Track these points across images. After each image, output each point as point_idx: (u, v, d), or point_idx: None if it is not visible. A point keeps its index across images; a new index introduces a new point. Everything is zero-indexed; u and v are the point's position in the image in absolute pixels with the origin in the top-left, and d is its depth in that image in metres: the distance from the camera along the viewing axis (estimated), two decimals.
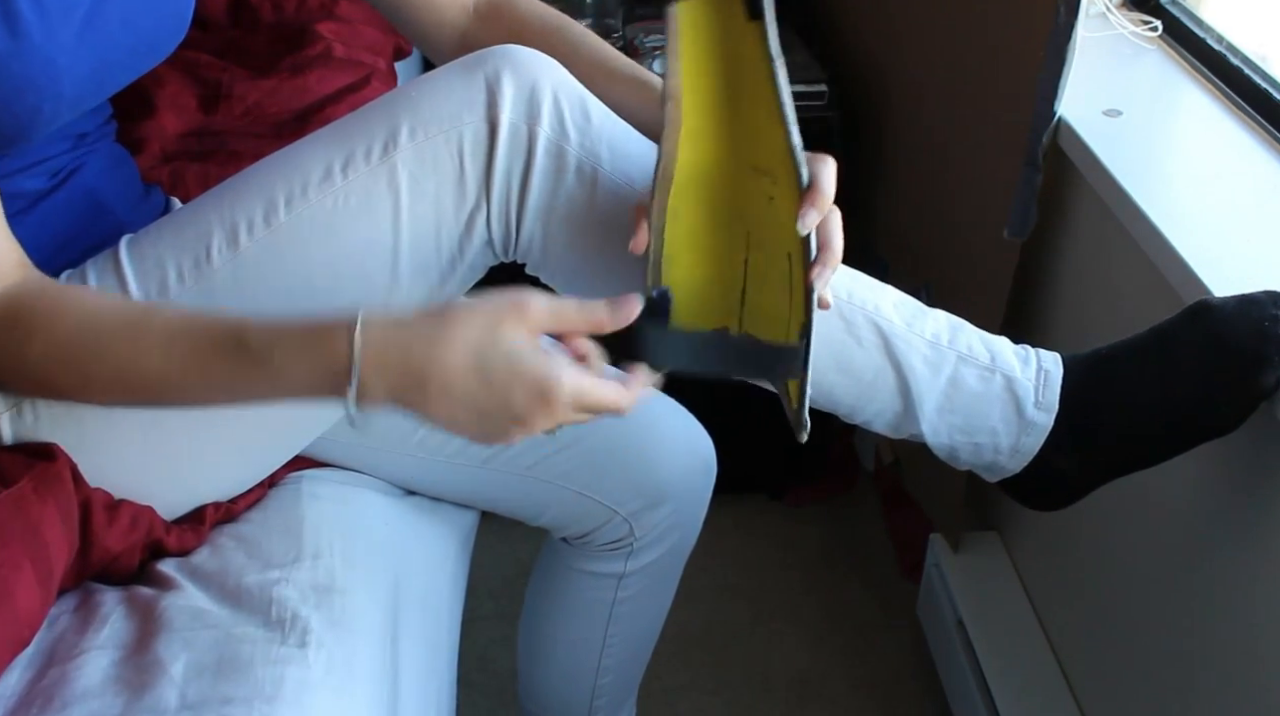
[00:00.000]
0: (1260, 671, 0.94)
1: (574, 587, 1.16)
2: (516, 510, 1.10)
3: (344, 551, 0.91)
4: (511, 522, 1.73)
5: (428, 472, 1.05)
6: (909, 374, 0.92)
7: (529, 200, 0.85)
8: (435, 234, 0.85)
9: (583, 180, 0.85)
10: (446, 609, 1.08)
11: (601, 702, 1.23)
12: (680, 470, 1.09)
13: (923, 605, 1.53)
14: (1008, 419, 0.93)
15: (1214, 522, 1.01)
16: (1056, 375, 0.93)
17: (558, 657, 1.22)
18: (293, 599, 0.84)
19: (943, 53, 1.43)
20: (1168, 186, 1.07)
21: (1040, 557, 1.37)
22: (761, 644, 1.62)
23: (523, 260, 0.89)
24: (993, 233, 1.24)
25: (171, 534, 0.89)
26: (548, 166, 0.84)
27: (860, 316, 0.91)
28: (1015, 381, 0.93)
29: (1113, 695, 1.20)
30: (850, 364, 0.91)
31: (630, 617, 1.17)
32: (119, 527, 0.85)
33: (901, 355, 0.91)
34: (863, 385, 0.92)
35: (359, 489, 1.01)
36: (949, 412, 0.93)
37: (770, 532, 1.79)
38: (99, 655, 0.78)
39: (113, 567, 0.87)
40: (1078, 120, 1.15)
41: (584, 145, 0.85)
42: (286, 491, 0.97)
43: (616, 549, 1.11)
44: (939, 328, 0.93)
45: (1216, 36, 1.22)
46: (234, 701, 0.75)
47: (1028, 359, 0.94)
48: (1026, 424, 0.93)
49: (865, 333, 0.91)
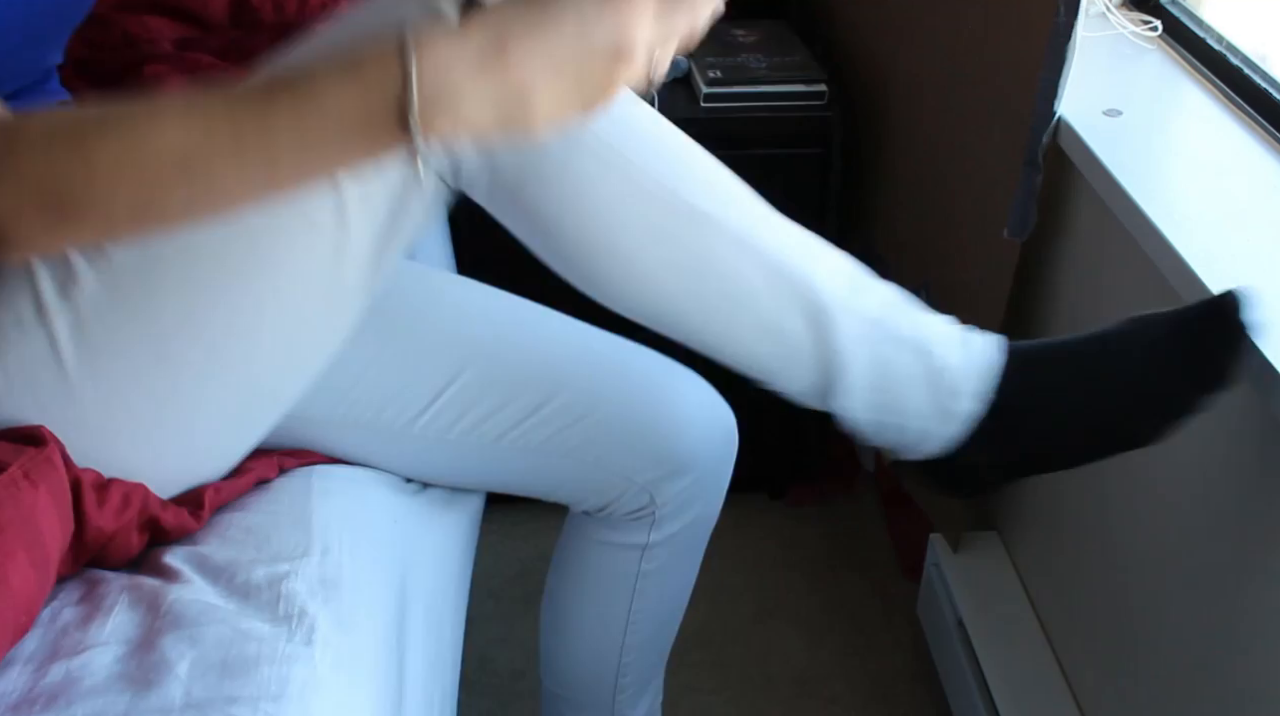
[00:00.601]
0: (1260, 671, 0.94)
1: (597, 560, 1.14)
2: (532, 487, 1.08)
3: (353, 546, 0.91)
4: (513, 522, 1.74)
5: (439, 458, 1.04)
6: (836, 348, 0.88)
7: None
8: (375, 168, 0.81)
9: None
10: (451, 606, 1.08)
11: (627, 681, 1.21)
12: (700, 439, 1.07)
13: (923, 605, 1.53)
14: (934, 405, 0.90)
15: (1215, 522, 1.01)
16: (995, 365, 0.91)
17: (582, 633, 1.20)
18: (300, 593, 0.83)
19: (943, 53, 1.43)
20: (1168, 186, 1.08)
21: (1040, 557, 1.37)
22: (761, 644, 1.62)
23: (470, 191, 0.86)
24: (993, 233, 1.24)
25: (168, 511, 0.88)
26: None
27: (791, 282, 0.88)
28: (949, 369, 0.89)
29: (1113, 695, 1.20)
30: (776, 328, 0.88)
31: (655, 592, 1.15)
32: (110, 507, 0.84)
33: (831, 328, 0.88)
34: (786, 351, 0.89)
35: (369, 485, 1.01)
36: (872, 391, 0.90)
37: (770, 532, 1.80)
38: (103, 651, 0.78)
39: (111, 550, 0.86)
40: (1078, 120, 1.15)
41: None
42: (296, 484, 0.96)
43: (639, 518, 1.09)
44: (877, 303, 0.90)
45: (1216, 36, 1.23)
46: (239, 700, 0.74)
47: (968, 345, 0.91)
48: (951, 414, 0.90)
49: (794, 301, 0.88)
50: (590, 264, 0.89)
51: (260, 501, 0.94)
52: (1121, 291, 1.14)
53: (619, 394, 1.02)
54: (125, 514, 0.85)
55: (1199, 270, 0.94)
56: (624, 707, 1.23)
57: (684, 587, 1.21)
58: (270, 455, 0.98)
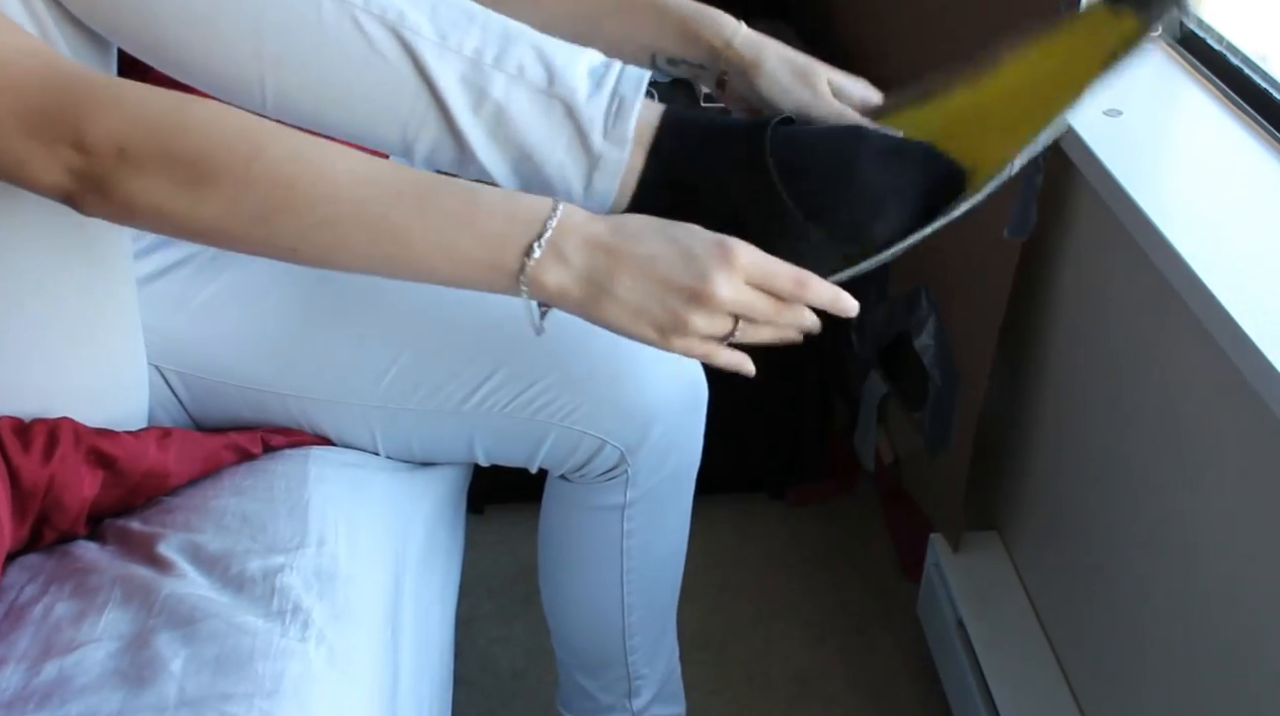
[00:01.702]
0: (1260, 671, 0.94)
1: (580, 528, 1.15)
2: (511, 453, 1.07)
3: (349, 536, 0.91)
4: (513, 522, 1.75)
5: (414, 429, 1.03)
6: (445, 96, 0.81)
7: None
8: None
9: None
10: (439, 592, 1.08)
11: (635, 641, 1.21)
12: (665, 390, 1.05)
13: (923, 605, 1.53)
14: (573, 151, 0.84)
15: (1215, 522, 1.01)
16: (633, 103, 0.84)
17: (580, 601, 1.20)
18: (295, 587, 0.83)
19: (943, 53, 1.43)
20: (1168, 186, 1.07)
21: (1040, 557, 1.37)
22: (761, 644, 1.62)
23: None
24: (993, 233, 1.24)
25: (104, 438, 0.86)
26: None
27: (382, 27, 0.80)
28: (577, 108, 0.83)
29: (1113, 695, 1.20)
30: (383, 92, 0.81)
31: (642, 551, 1.15)
32: (36, 447, 0.82)
33: (434, 74, 0.81)
34: (402, 119, 0.82)
35: (366, 469, 1.01)
36: (502, 143, 0.83)
37: (770, 532, 1.79)
38: (96, 647, 0.77)
39: (63, 495, 0.84)
40: (1078, 120, 1.15)
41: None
42: (293, 469, 0.96)
43: (612, 478, 1.08)
44: (483, 41, 0.82)
45: (1216, 36, 1.22)
46: (233, 697, 0.74)
47: (602, 82, 0.84)
48: (594, 158, 0.84)
49: (389, 48, 0.80)
50: (143, 30, 0.81)
51: (256, 486, 0.93)
52: (1121, 291, 1.13)
53: (574, 352, 1.01)
54: (57, 450, 0.83)
55: (1199, 270, 0.93)
56: (640, 666, 1.23)
57: (676, 546, 1.20)
58: (254, 429, 0.99)
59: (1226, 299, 0.90)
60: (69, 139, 0.73)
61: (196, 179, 0.74)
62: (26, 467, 0.82)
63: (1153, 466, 1.09)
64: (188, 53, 0.81)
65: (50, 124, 0.73)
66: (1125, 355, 1.13)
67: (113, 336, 0.92)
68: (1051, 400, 1.30)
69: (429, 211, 0.75)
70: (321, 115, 0.82)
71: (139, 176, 0.74)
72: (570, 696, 1.28)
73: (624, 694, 1.24)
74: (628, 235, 0.76)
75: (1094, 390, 1.20)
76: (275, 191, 0.74)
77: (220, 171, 0.74)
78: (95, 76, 0.76)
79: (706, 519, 1.21)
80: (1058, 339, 1.27)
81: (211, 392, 1.00)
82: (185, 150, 0.73)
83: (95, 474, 0.87)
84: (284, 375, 1.00)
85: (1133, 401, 1.12)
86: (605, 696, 1.25)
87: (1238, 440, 0.96)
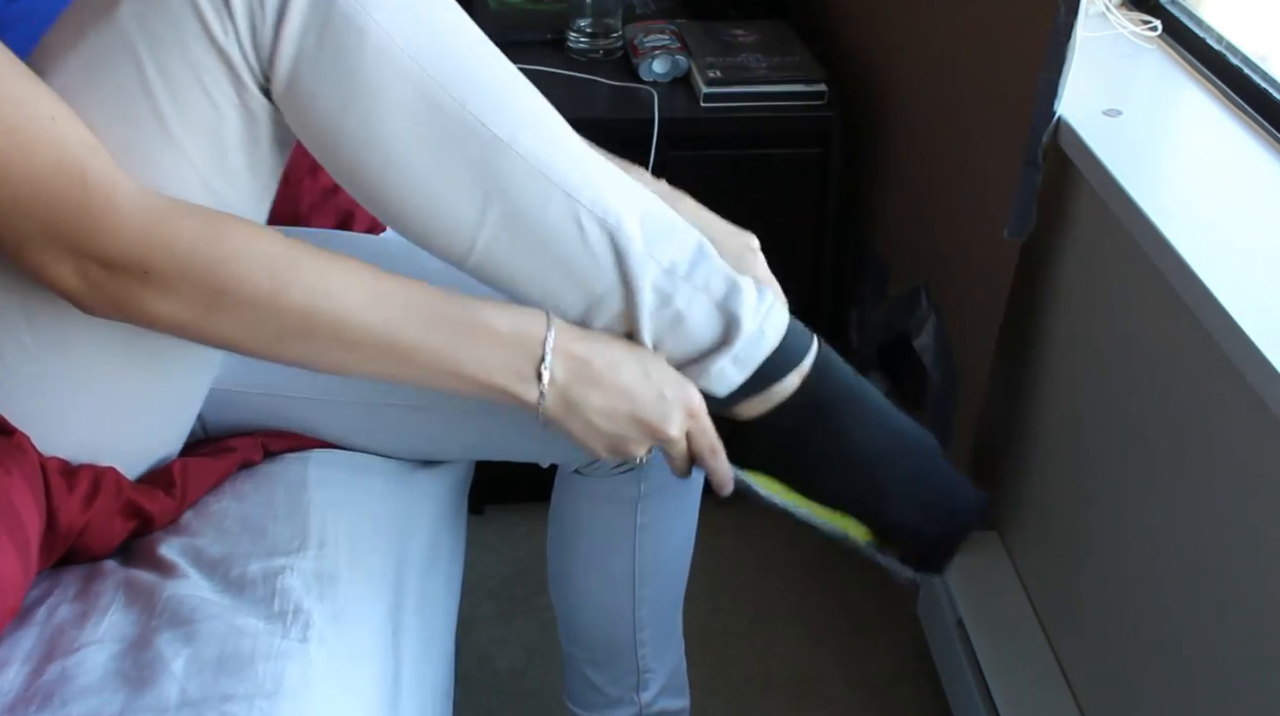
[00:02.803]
0: (1260, 671, 0.94)
1: (593, 520, 1.15)
2: (523, 450, 1.07)
3: (350, 538, 0.91)
4: (513, 522, 1.74)
5: (417, 423, 1.03)
6: (637, 296, 0.88)
7: (284, 37, 0.78)
8: (196, 83, 0.79)
9: (352, 29, 0.78)
10: (443, 593, 1.08)
11: (645, 635, 1.21)
12: None
13: (923, 605, 1.53)
14: (722, 356, 0.91)
15: (1214, 522, 1.01)
16: (770, 343, 0.91)
17: (592, 595, 1.20)
18: (296, 589, 0.83)
19: (943, 53, 1.43)
20: (1168, 186, 1.07)
21: (1040, 557, 1.37)
22: (761, 644, 1.62)
23: (282, 107, 0.82)
24: (993, 233, 1.24)
25: (143, 494, 0.87)
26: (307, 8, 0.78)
27: (600, 229, 0.86)
28: (738, 333, 0.90)
29: (1113, 695, 1.20)
30: (582, 276, 0.88)
31: (655, 544, 1.15)
32: (79, 492, 0.83)
33: (634, 277, 0.87)
34: (591, 299, 0.89)
35: (366, 472, 1.01)
36: (669, 339, 0.91)
37: (770, 532, 1.79)
38: (98, 649, 0.78)
39: (91, 539, 0.85)
40: (1078, 120, 1.15)
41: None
42: (293, 472, 0.96)
43: (627, 471, 1.09)
44: (680, 254, 0.89)
45: (1216, 36, 1.22)
46: (234, 698, 0.75)
47: (758, 311, 0.91)
48: (721, 370, 0.91)
49: (602, 248, 0.86)
50: (366, 173, 0.84)
51: (255, 490, 0.94)
52: (1121, 291, 1.13)
53: None
54: (97, 500, 0.84)
55: (1199, 270, 0.94)
56: (650, 659, 1.22)
57: (686, 538, 1.20)
58: (254, 436, 0.98)
59: (1226, 298, 0.90)
60: (95, 256, 0.76)
61: (220, 306, 0.78)
62: (65, 510, 0.83)
63: (1152, 466, 1.09)
64: (407, 204, 0.84)
65: (73, 236, 0.75)
66: (1125, 355, 1.13)
67: (184, 411, 0.95)
68: (1051, 400, 1.30)
69: (435, 331, 0.83)
70: (516, 282, 0.88)
71: (161, 298, 0.78)
72: (578, 690, 1.28)
73: (632, 686, 1.24)
74: (608, 363, 0.87)
75: (1094, 390, 1.20)
76: (295, 320, 0.80)
77: (244, 302, 0.79)
78: (129, 185, 0.77)
79: (706, 519, 1.21)
80: (1058, 339, 1.27)
81: (230, 402, 1.00)
82: (213, 281, 0.78)
83: (127, 525, 0.88)
84: (298, 377, 0.99)
85: (1133, 401, 1.12)
86: (614, 689, 1.25)
87: (1238, 440, 0.96)
